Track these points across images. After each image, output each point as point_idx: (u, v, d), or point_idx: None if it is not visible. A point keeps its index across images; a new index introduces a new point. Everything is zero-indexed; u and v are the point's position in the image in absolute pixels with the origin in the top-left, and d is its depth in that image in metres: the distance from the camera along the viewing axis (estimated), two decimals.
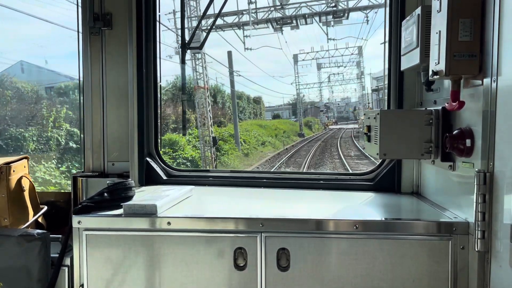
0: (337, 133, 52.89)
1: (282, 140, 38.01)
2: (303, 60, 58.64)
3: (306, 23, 24.75)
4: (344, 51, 56.65)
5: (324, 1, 24.41)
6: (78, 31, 3.28)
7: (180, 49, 3.49)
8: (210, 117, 21.85)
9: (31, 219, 2.93)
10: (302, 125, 52.94)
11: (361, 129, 50.47)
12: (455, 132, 2.26)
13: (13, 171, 2.82)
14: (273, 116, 69.57)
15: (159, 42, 3.36)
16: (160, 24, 3.37)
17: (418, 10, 2.40)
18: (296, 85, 61.64)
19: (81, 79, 3.30)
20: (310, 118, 68.38)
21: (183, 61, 3.63)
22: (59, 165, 15.63)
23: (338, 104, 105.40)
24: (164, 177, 3.31)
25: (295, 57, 58.76)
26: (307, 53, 57.48)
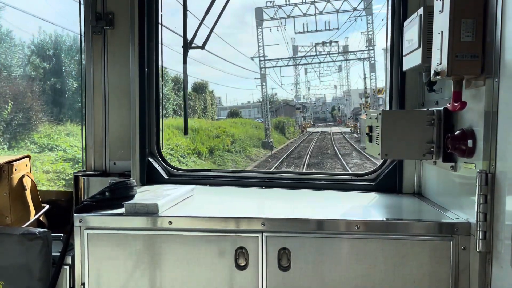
0: (324, 141, 35.99)
1: (225, 161, 22.21)
2: (272, 19, 35.79)
3: None
4: (341, 4, 34.73)
5: None
6: (80, 30, 3.29)
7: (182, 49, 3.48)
8: None
9: (33, 217, 2.93)
10: (269, 129, 33.34)
11: (355, 135, 38.31)
12: (456, 132, 2.25)
13: (15, 169, 2.83)
14: (229, 113, 52.97)
15: (161, 42, 3.37)
16: (162, 24, 3.37)
17: (420, 10, 2.39)
18: (260, 60, 38.46)
19: (83, 78, 3.31)
20: (283, 118, 51.08)
21: (184, 61, 3.62)
22: None
23: (315, 104, 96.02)
24: (166, 177, 3.32)
25: (258, 12, 35.81)
26: (279, 6, 34.92)
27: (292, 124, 49.98)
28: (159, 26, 3.34)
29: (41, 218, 3.02)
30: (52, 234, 2.62)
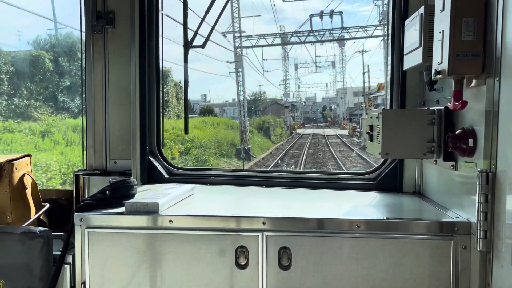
0: (319, 147, 29.03)
1: None
2: None
3: None
4: None
5: None
6: (80, 30, 3.29)
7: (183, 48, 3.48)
8: None
9: (33, 216, 2.93)
10: (247, 131, 26.27)
11: (355, 138, 33.51)
12: (457, 131, 2.25)
13: (16, 168, 2.83)
14: (200, 111, 47.32)
15: (162, 41, 3.37)
16: (163, 23, 3.37)
17: (421, 9, 2.39)
18: (234, 37, 30.30)
19: (84, 77, 3.31)
20: (269, 117, 44.37)
21: (185, 60, 3.62)
22: None
23: (304, 103, 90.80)
24: (166, 176, 3.32)
25: None
26: None
27: (279, 125, 42.92)
28: (160, 25, 3.34)
29: (41, 217, 3.02)
30: (53, 233, 2.62)
